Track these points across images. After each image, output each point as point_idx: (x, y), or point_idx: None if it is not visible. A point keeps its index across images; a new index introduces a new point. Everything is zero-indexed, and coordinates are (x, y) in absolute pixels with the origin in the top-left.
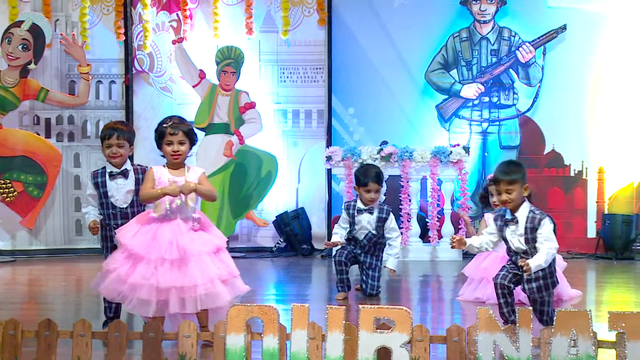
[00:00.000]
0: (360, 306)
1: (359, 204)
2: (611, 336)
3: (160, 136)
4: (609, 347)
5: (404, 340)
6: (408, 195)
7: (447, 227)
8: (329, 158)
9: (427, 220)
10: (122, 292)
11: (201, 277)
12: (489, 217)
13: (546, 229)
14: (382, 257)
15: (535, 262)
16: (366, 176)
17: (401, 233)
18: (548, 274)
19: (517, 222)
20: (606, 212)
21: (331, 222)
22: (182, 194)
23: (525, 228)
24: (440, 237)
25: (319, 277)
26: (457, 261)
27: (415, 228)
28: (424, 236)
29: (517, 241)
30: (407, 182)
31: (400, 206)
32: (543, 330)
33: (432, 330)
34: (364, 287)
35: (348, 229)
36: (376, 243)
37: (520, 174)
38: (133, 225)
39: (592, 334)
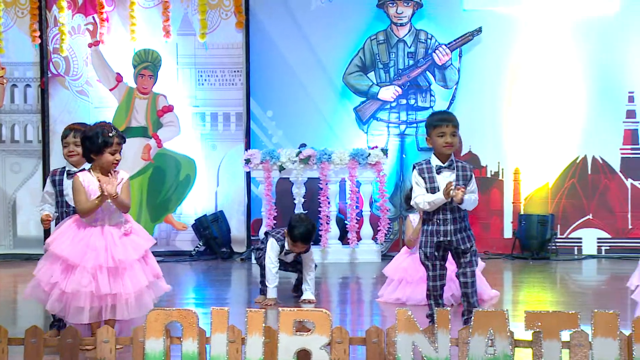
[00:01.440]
0: (280, 309)
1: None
2: (528, 335)
3: (105, 145)
4: (525, 346)
5: (323, 343)
6: (327, 197)
7: (366, 229)
8: (247, 161)
9: (346, 222)
10: (64, 304)
11: (132, 285)
12: (413, 218)
13: (474, 181)
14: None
15: (468, 196)
16: (297, 236)
17: (320, 236)
18: (469, 228)
19: (453, 168)
20: (522, 212)
21: (250, 225)
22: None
23: (458, 176)
24: (359, 238)
25: (239, 281)
26: (376, 263)
27: (334, 230)
28: (343, 238)
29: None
30: (326, 184)
31: (319, 208)
32: (461, 331)
33: (352, 332)
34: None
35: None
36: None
37: (456, 121)
38: (63, 235)
39: (509, 334)
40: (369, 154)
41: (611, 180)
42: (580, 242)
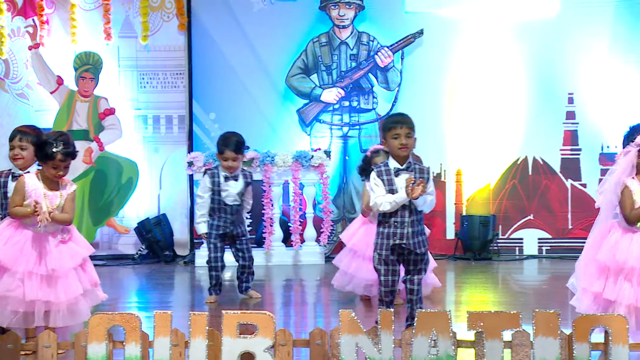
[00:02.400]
0: (223, 312)
1: (222, 171)
2: (470, 335)
3: (48, 157)
4: (468, 347)
5: (267, 345)
6: (270, 199)
7: (310, 231)
8: (190, 164)
9: (289, 224)
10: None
11: (65, 294)
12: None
13: (432, 183)
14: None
15: (425, 197)
16: (223, 144)
17: (264, 238)
18: (424, 232)
19: (411, 170)
20: (464, 213)
21: (193, 229)
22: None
23: (416, 178)
24: (302, 241)
25: (182, 284)
26: (319, 265)
27: (277, 232)
28: (287, 240)
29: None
30: (269, 186)
31: (263, 211)
32: (404, 332)
33: (296, 334)
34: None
35: (210, 204)
36: (240, 207)
37: (412, 123)
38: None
39: (451, 334)
40: (312, 156)
41: (551, 181)
42: (522, 243)
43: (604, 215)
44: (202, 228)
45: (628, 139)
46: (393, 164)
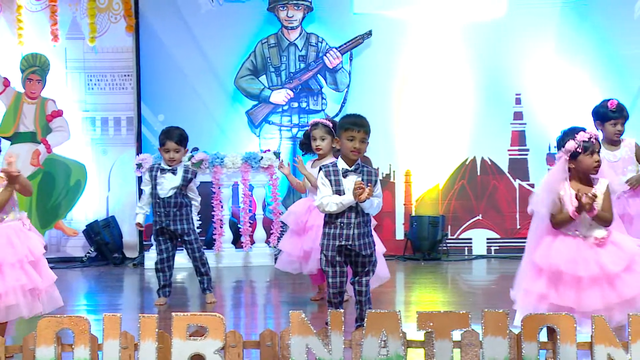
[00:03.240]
0: (173, 314)
1: (163, 165)
2: (420, 335)
3: None
4: (417, 347)
5: (217, 347)
6: (220, 201)
7: (260, 232)
8: (139, 165)
9: (239, 225)
10: None
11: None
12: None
13: (379, 185)
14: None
15: (371, 200)
16: (165, 136)
17: (214, 239)
18: (372, 234)
19: (360, 172)
20: (413, 214)
21: (142, 231)
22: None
23: (363, 180)
24: (252, 242)
25: (131, 286)
26: (269, 266)
27: (227, 234)
28: (236, 242)
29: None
30: (219, 188)
31: (213, 212)
32: (354, 332)
33: (246, 335)
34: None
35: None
36: (181, 204)
37: (368, 128)
38: None
39: (401, 334)
40: (262, 158)
41: (500, 181)
42: (470, 243)
43: (539, 218)
44: (137, 218)
45: (559, 143)
46: (342, 164)
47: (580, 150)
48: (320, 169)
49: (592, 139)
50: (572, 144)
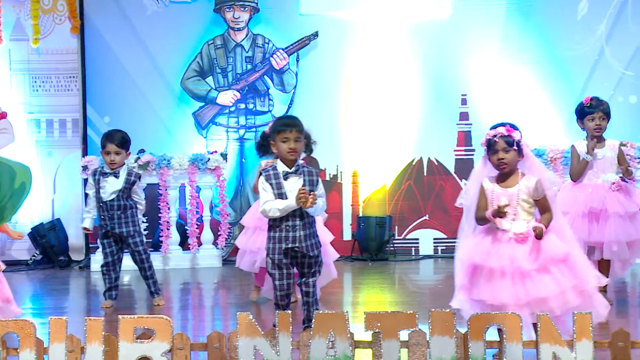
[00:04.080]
0: (120, 316)
1: (105, 168)
2: (367, 336)
3: None
4: (365, 347)
5: (164, 349)
6: (167, 203)
7: (207, 234)
8: (85, 168)
9: (186, 227)
10: None
11: None
12: (265, 163)
13: (321, 185)
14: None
15: (319, 198)
16: (106, 139)
17: (161, 241)
18: (317, 234)
19: (300, 173)
20: (361, 214)
21: (89, 234)
22: None
23: (305, 181)
24: (200, 244)
25: (77, 289)
26: (217, 267)
27: (174, 236)
28: (184, 244)
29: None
30: (166, 190)
31: (159, 214)
32: (302, 333)
33: (193, 337)
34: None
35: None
36: (125, 207)
37: (302, 127)
38: None
39: (349, 335)
40: (209, 159)
41: (446, 182)
42: (418, 243)
43: (466, 213)
44: (85, 222)
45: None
46: (282, 167)
47: (487, 148)
48: (261, 173)
49: (495, 138)
50: (483, 140)
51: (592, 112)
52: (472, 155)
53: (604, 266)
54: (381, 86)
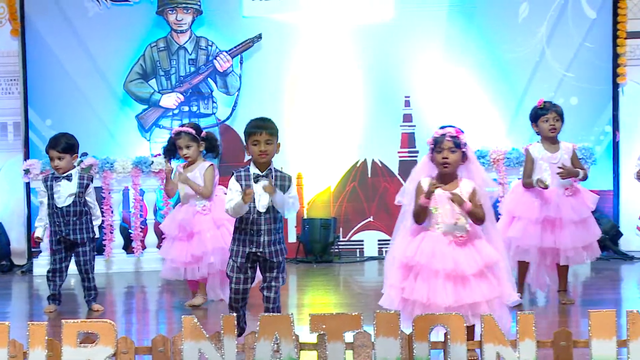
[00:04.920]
0: (63, 321)
1: (57, 173)
2: (312, 338)
3: None
4: (310, 349)
5: (108, 354)
6: (110, 206)
7: (151, 237)
8: (27, 171)
9: (130, 231)
10: None
11: None
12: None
13: (293, 189)
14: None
15: (286, 200)
16: (49, 145)
17: (104, 245)
18: (283, 241)
19: (272, 177)
20: (305, 216)
21: (31, 237)
22: None
23: (276, 185)
24: (144, 247)
25: (20, 293)
26: (160, 271)
27: (118, 239)
28: (128, 247)
29: (268, 200)
30: (109, 193)
31: (103, 218)
32: (247, 336)
33: (138, 341)
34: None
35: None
36: (80, 213)
37: (277, 130)
38: None
39: (294, 337)
40: (152, 162)
41: (390, 183)
42: (362, 245)
43: (403, 213)
44: (37, 232)
45: None
46: (253, 169)
47: (433, 146)
48: (232, 173)
49: (442, 137)
50: (429, 139)
51: (545, 114)
52: (416, 156)
53: (562, 272)
54: (325, 88)
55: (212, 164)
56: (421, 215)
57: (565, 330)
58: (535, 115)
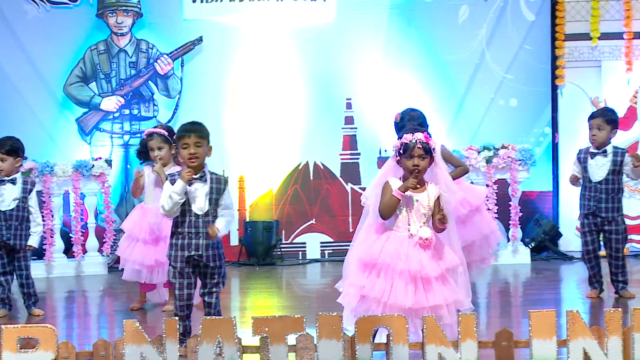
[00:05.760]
0: (3, 326)
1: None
2: (255, 341)
3: None
4: (253, 352)
5: (49, 359)
6: (50, 210)
7: (92, 241)
8: None
9: (70, 235)
10: None
11: None
12: (148, 172)
13: (227, 194)
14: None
15: (222, 223)
16: None
17: (44, 249)
18: (222, 246)
19: (205, 180)
20: (247, 219)
21: None
22: None
23: (211, 188)
24: (84, 251)
25: None
26: (102, 275)
27: (59, 244)
28: (68, 251)
29: (204, 202)
30: (49, 197)
31: (43, 222)
32: (189, 340)
33: (79, 346)
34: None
35: None
36: (23, 218)
37: (208, 132)
38: None
39: (237, 340)
40: (93, 165)
41: (332, 185)
42: (305, 247)
43: (371, 215)
44: None
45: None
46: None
47: (401, 151)
48: (167, 177)
49: (412, 143)
50: (397, 143)
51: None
52: (358, 159)
53: None
54: (267, 90)
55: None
56: (390, 209)
57: (507, 330)
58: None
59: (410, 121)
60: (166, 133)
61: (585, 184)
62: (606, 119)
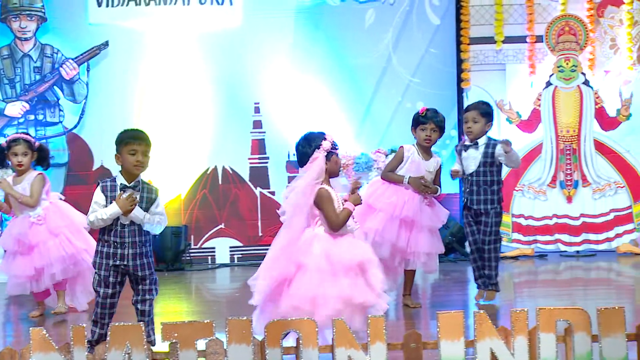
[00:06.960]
0: None
1: None
2: (165, 347)
3: None
4: (162, 358)
5: None
6: None
7: None
8: None
9: None
10: None
11: None
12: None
13: (159, 202)
14: None
15: (143, 212)
16: None
17: None
18: (150, 254)
19: (139, 190)
20: None
21: None
22: None
23: (142, 197)
24: None
25: None
26: (4, 283)
27: None
28: None
29: (135, 211)
30: None
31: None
32: (98, 347)
33: None
34: None
35: None
36: None
37: (149, 141)
38: None
39: (145, 346)
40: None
41: (241, 190)
42: (214, 252)
43: (294, 219)
44: None
45: (309, 145)
46: (120, 180)
47: (333, 151)
48: (98, 183)
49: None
50: (328, 143)
51: (425, 123)
52: (267, 163)
53: (409, 276)
54: (174, 95)
55: (40, 173)
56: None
57: (415, 332)
58: (416, 122)
59: (432, 118)
60: (32, 140)
61: (463, 177)
62: (481, 112)
